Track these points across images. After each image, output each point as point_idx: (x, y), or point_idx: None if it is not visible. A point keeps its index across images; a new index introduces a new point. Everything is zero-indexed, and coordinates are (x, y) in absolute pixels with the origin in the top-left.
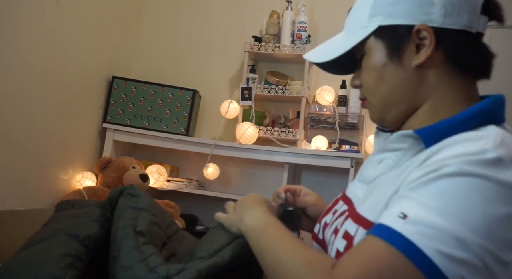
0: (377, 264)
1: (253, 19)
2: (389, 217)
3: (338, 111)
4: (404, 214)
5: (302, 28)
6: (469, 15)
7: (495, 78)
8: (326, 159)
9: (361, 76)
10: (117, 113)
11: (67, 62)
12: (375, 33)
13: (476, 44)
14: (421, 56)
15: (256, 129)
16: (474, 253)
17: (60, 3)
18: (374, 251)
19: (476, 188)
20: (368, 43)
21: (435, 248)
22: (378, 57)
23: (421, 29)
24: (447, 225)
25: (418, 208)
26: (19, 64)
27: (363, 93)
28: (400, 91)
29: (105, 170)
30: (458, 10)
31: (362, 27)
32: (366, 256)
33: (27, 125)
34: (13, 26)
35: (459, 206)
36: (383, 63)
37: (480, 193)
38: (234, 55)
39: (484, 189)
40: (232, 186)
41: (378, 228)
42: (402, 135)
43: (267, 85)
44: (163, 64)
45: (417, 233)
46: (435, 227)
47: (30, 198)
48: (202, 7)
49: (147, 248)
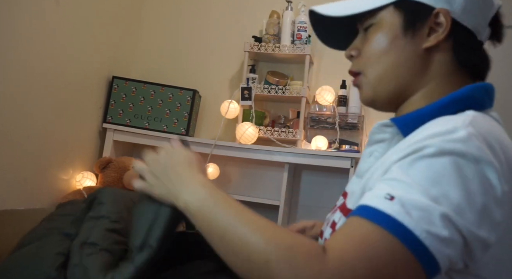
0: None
1: (253, 19)
2: (376, 199)
3: (338, 111)
4: (391, 195)
5: (302, 28)
6: (481, 20)
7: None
8: (326, 159)
9: (361, 47)
10: (117, 113)
11: (67, 62)
12: (396, 3)
13: (478, 48)
14: (431, 40)
15: (256, 129)
16: (459, 233)
17: (60, 3)
18: (365, 234)
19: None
20: (382, 13)
21: (424, 229)
22: (391, 28)
23: (441, 13)
24: (433, 205)
25: (403, 189)
26: (19, 64)
27: (359, 65)
28: (401, 69)
29: (105, 170)
30: (476, 11)
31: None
32: (358, 239)
33: (27, 125)
34: (13, 26)
35: (442, 185)
36: (394, 35)
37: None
38: (234, 55)
39: (462, 167)
40: (232, 186)
41: (365, 210)
42: (381, 124)
43: (267, 85)
44: (163, 64)
45: (406, 214)
46: (422, 207)
47: (30, 197)
48: (202, 7)
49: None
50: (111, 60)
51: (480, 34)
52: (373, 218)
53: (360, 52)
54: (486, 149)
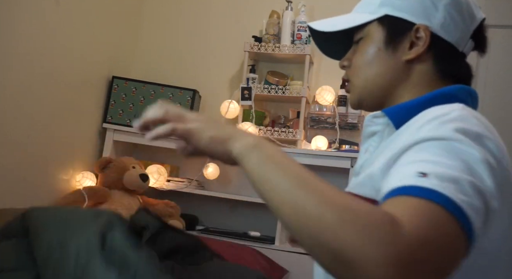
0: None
1: (253, 19)
2: (408, 179)
3: (338, 111)
4: (423, 172)
5: (302, 28)
6: (461, 33)
7: (495, 78)
8: (326, 159)
9: (352, 58)
10: (117, 113)
11: (67, 62)
12: (379, 19)
13: (460, 60)
14: (412, 53)
15: (256, 130)
16: (485, 201)
17: (60, 3)
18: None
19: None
20: (369, 27)
21: (462, 200)
22: (375, 41)
23: (420, 28)
24: (462, 176)
25: (431, 166)
26: (19, 64)
27: (348, 75)
28: (382, 79)
29: (105, 170)
30: (455, 25)
31: (370, 12)
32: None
33: (27, 125)
34: (13, 26)
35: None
36: (377, 49)
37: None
38: (234, 55)
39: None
40: (232, 186)
41: (406, 189)
42: (373, 116)
43: (267, 85)
44: (163, 64)
45: (445, 187)
46: (454, 180)
47: (30, 197)
48: (202, 7)
49: None
50: (111, 60)
51: (461, 47)
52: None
53: (351, 62)
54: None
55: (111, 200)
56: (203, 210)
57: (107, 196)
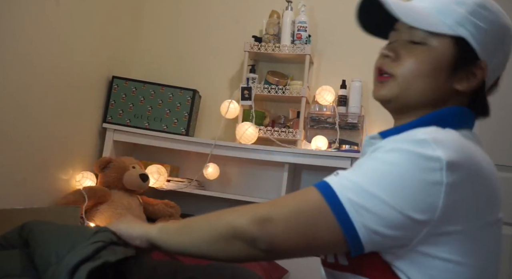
0: (303, 201)
1: (253, 19)
2: (329, 177)
3: (338, 111)
4: (337, 172)
5: (302, 28)
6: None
7: None
8: (326, 159)
9: (400, 53)
10: (117, 113)
11: (67, 62)
12: (455, 38)
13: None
14: (465, 85)
15: (256, 129)
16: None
17: (60, 3)
18: (304, 194)
19: (397, 158)
20: (438, 39)
21: (347, 196)
22: (438, 58)
23: (483, 65)
24: (365, 183)
25: (349, 171)
26: (19, 64)
27: (393, 70)
28: (426, 96)
29: (105, 170)
30: (500, 69)
31: (448, 26)
32: (297, 196)
33: (27, 125)
34: (13, 26)
35: (381, 172)
36: (437, 66)
37: (400, 162)
38: (234, 55)
39: (405, 159)
40: (232, 186)
41: (318, 183)
42: (371, 137)
43: (267, 85)
44: (163, 64)
45: (338, 183)
46: (353, 181)
47: (30, 197)
48: (202, 7)
49: None
50: (111, 60)
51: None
52: (317, 185)
53: (398, 57)
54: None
55: (111, 200)
56: (203, 210)
57: (107, 196)
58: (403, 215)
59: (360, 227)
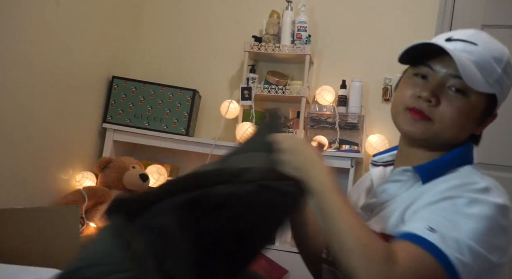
0: (423, 267)
1: (253, 19)
2: (420, 229)
3: (338, 111)
4: (432, 228)
5: (302, 28)
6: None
7: None
8: (326, 159)
9: (440, 98)
10: (117, 113)
11: (67, 62)
12: (489, 94)
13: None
14: (481, 129)
15: None
16: (476, 260)
17: (60, 3)
18: (417, 256)
19: (478, 210)
20: (476, 94)
21: (456, 257)
22: (473, 108)
23: (496, 113)
24: (463, 239)
25: (442, 225)
26: (19, 64)
27: (433, 114)
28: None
29: (105, 170)
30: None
31: (489, 83)
32: (412, 259)
33: (27, 125)
34: (13, 26)
35: (468, 223)
36: (472, 115)
37: (480, 212)
38: (234, 55)
39: (484, 210)
40: None
41: (413, 237)
42: (404, 170)
43: (267, 85)
44: (163, 64)
45: (444, 244)
46: (455, 240)
47: (30, 197)
48: (202, 7)
49: None
50: (111, 60)
51: None
52: (424, 246)
53: (438, 103)
54: (501, 195)
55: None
56: None
57: (107, 196)
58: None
59: None
